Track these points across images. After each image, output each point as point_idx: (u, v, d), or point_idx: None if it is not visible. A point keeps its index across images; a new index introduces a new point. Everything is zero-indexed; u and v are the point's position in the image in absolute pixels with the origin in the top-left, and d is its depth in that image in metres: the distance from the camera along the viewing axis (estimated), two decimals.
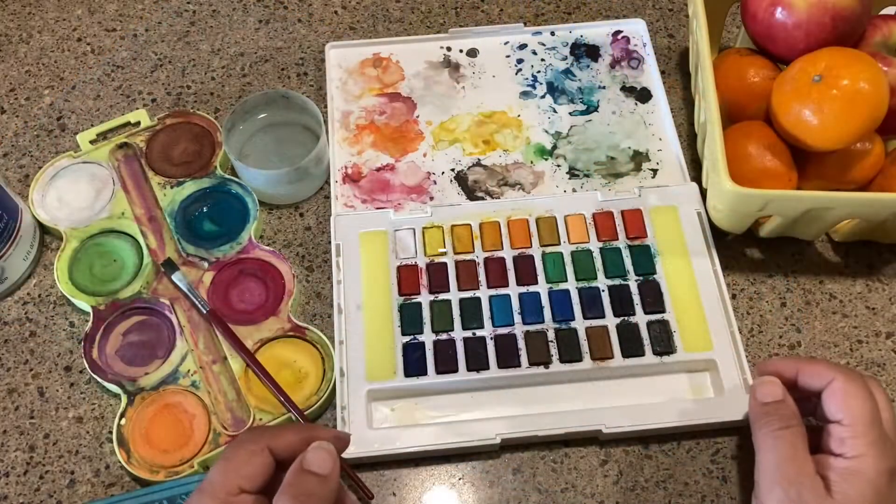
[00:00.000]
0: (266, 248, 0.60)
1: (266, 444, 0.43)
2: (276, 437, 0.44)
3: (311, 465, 0.43)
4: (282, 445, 0.44)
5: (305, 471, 0.43)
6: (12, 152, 0.66)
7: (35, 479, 0.53)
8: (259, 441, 0.43)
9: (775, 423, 0.46)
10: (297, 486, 0.42)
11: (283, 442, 0.44)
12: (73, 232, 0.60)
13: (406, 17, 0.74)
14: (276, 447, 0.44)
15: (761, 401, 0.48)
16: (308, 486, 0.42)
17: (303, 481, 0.42)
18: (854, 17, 0.56)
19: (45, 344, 0.58)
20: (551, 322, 0.56)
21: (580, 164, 0.64)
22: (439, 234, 0.59)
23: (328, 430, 0.48)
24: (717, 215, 0.57)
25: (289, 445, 0.44)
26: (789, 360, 0.49)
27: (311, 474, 0.43)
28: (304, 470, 0.43)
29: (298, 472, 0.43)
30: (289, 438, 0.44)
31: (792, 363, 0.49)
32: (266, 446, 0.43)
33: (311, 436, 0.45)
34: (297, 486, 0.42)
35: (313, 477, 0.42)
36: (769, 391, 0.48)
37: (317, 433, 0.45)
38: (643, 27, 0.70)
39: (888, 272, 0.61)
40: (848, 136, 0.53)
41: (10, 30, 0.73)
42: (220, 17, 0.74)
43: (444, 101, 0.67)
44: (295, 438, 0.44)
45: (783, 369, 0.49)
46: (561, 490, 0.53)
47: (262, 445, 0.43)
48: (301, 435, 0.45)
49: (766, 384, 0.48)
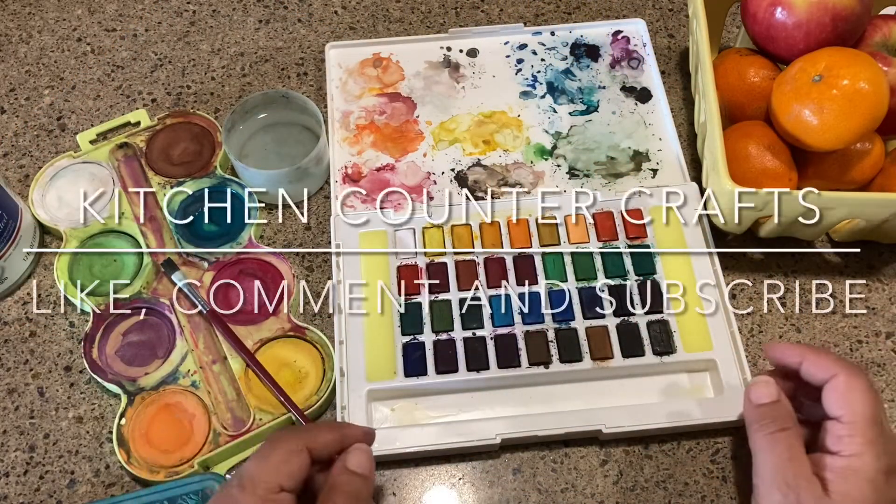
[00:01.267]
0: (266, 248, 0.60)
1: (305, 444, 0.44)
2: (314, 437, 0.45)
3: (357, 466, 0.45)
4: (319, 445, 0.45)
5: (351, 472, 0.44)
6: (12, 152, 0.66)
7: (35, 479, 0.53)
8: (298, 441, 0.44)
9: (771, 425, 0.46)
10: (345, 486, 0.44)
11: (321, 442, 0.45)
12: (73, 232, 0.60)
13: (406, 17, 0.74)
14: (314, 447, 0.45)
15: (756, 402, 0.47)
16: (355, 487, 0.44)
17: (350, 482, 0.44)
18: (854, 17, 0.56)
19: (45, 344, 0.58)
20: (551, 322, 0.56)
21: (580, 164, 0.64)
22: (439, 234, 0.59)
23: (358, 426, 0.49)
24: (717, 215, 0.57)
25: (326, 445, 0.45)
26: (795, 348, 0.49)
27: (356, 475, 0.44)
28: (350, 471, 0.44)
29: (344, 473, 0.44)
30: (326, 438, 0.45)
31: (797, 351, 0.48)
32: (305, 446, 0.44)
33: (345, 434, 0.46)
34: (345, 487, 0.44)
35: (358, 478, 0.44)
36: (764, 392, 0.47)
37: (350, 430, 0.47)
38: (643, 27, 0.70)
39: (888, 272, 0.61)
40: (848, 136, 0.53)
41: (10, 30, 0.73)
42: (220, 17, 0.74)
43: (444, 101, 0.67)
44: (331, 438, 0.46)
45: (789, 356, 0.49)
46: (561, 490, 0.53)
47: (301, 445, 0.44)
48: (336, 434, 0.46)
49: (761, 385, 0.48)
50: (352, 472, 0.44)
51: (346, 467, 0.45)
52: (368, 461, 0.45)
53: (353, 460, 0.45)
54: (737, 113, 0.61)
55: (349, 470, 0.44)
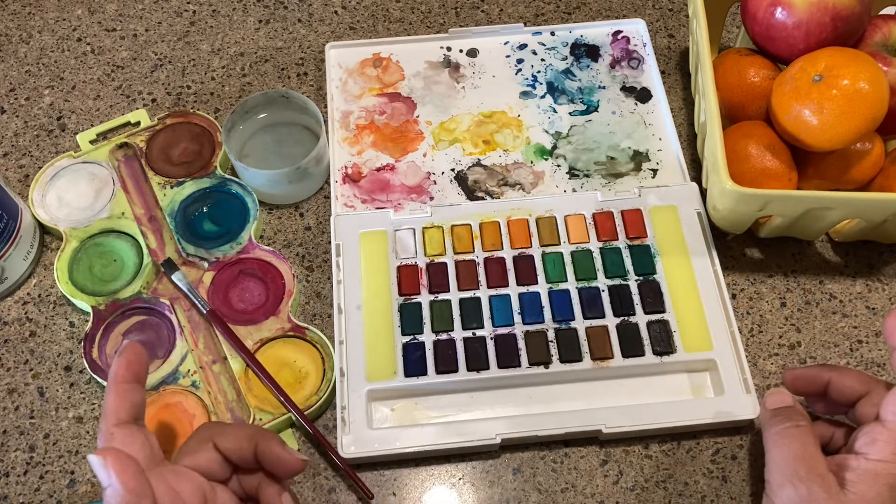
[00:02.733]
0: (266, 248, 0.60)
1: (211, 437, 0.44)
2: (222, 432, 0.45)
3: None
4: (227, 442, 0.44)
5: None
6: (12, 152, 0.66)
7: (35, 479, 0.53)
8: (207, 432, 0.45)
9: (784, 421, 0.46)
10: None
11: (229, 438, 0.44)
12: (73, 232, 0.60)
13: (406, 17, 0.74)
14: (220, 443, 0.44)
15: (770, 408, 0.48)
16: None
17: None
18: (854, 17, 0.56)
19: (45, 344, 0.58)
20: (551, 322, 0.56)
21: (580, 164, 0.64)
22: (439, 234, 0.59)
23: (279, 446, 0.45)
24: (717, 215, 0.57)
25: (235, 441, 0.44)
26: (814, 370, 0.50)
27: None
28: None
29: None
30: (236, 435, 0.44)
31: (817, 373, 0.49)
32: (211, 439, 0.44)
33: (260, 442, 0.44)
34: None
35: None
36: (778, 399, 0.48)
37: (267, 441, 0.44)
38: (643, 27, 0.70)
39: (888, 272, 0.61)
40: (848, 136, 0.53)
41: (10, 30, 0.73)
42: (220, 17, 0.74)
43: (444, 101, 0.67)
44: (241, 436, 0.44)
45: (812, 375, 0.50)
46: (561, 490, 0.53)
47: (207, 436, 0.44)
48: (245, 433, 0.45)
49: (775, 394, 0.48)
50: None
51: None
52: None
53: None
54: (737, 113, 0.61)
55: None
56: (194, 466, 0.43)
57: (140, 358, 0.44)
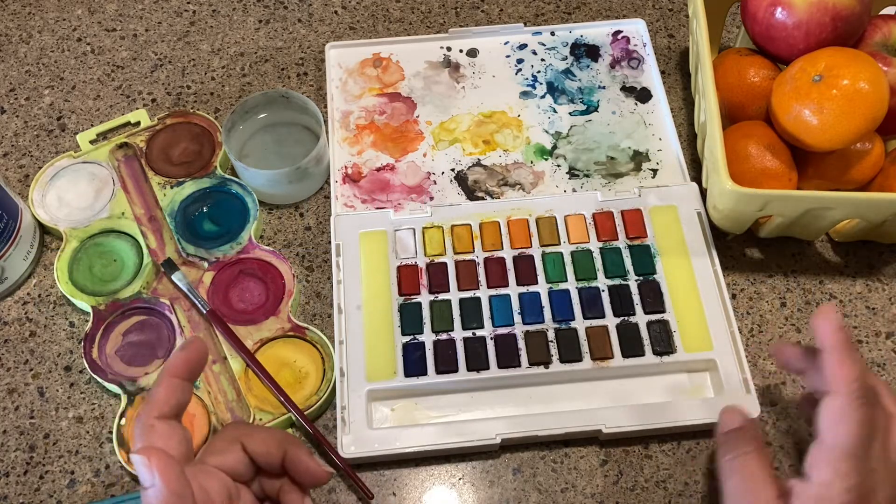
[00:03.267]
0: (266, 248, 0.60)
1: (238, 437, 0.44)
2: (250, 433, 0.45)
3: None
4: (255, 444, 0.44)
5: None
6: (12, 152, 0.66)
7: (35, 479, 0.53)
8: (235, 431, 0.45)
9: (732, 450, 0.46)
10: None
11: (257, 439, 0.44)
12: (73, 232, 0.60)
13: (406, 17, 0.74)
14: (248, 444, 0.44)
15: (721, 431, 0.47)
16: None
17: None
18: (854, 17, 0.56)
19: (45, 344, 0.58)
20: (551, 322, 0.56)
21: (580, 164, 0.64)
22: (439, 234, 0.59)
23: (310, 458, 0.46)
24: (717, 215, 0.57)
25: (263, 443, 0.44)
26: (802, 352, 0.49)
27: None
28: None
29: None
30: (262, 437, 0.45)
31: (804, 356, 0.49)
32: (239, 440, 0.44)
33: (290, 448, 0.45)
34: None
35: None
36: (727, 420, 0.47)
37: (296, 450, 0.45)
38: (643, 27, 0.70)
39: (888, 272, 0.61)
40: (848, 136, 0.53)
41: (10, 30, 0.73)
42: (220, 17, 0.74)
43: (444, 101, 0.67)
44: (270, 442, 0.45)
45: (796, 358, 0.49)
46: (561, 490, 0.53)
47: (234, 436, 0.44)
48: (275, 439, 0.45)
49: (727, 412, 0.48)
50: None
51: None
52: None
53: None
54: (737, 113, 0.61)
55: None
56: (221, 466, 0.43)
57: (201, 357, 0.43)
